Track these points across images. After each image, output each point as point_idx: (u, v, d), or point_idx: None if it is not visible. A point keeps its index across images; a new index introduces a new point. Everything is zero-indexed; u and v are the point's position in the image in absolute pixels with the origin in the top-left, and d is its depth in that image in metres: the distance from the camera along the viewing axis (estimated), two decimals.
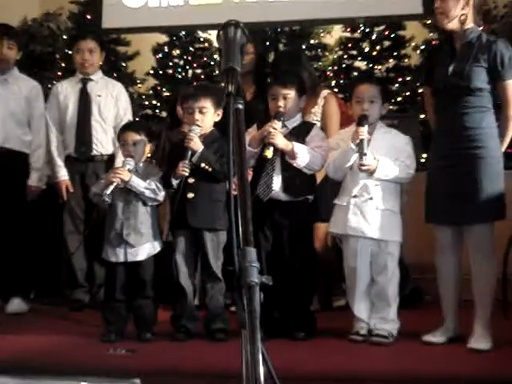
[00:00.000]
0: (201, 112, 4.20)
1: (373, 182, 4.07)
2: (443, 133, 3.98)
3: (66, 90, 5.38)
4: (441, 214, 3.93)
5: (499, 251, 4.33)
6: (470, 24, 3.90)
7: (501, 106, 3.90)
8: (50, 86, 6.04)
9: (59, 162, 5.28)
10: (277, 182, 4.16)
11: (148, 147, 4.34)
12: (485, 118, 3.84)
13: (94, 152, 5.27)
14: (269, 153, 4.05)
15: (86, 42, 5.42)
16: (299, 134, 4.23)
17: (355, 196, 4.10)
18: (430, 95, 4.14)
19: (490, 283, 3.93)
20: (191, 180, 4.16)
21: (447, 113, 3.95)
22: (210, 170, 4.14)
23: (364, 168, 3.96)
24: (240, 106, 1.51)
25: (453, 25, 3.91)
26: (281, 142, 4.09)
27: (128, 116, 5.36)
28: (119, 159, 4.48)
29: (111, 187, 4.07)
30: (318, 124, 4.78)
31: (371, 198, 4.08)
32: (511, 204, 4.05)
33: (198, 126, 4.16)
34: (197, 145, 4.11)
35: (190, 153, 4.09)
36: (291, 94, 4.23)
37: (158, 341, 4.11)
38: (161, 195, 4.21)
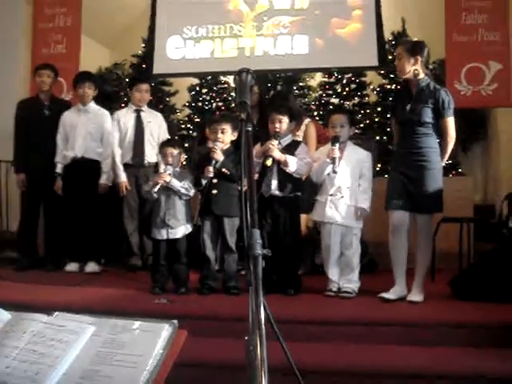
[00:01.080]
0: (222, 132, 4.19)
1: (344, 185, 4.09)
2: (402, 149, 3.99)
3: (125, 117, 5.35)
4: (398, 204, 3.91)
5: None
6: (421, 75, 3.91)
7: (442, 135, 3.93)
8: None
9: (121, 168, 5.25)
10: (274, 183, 4.15)
11: (182, 157, 4.35)
12: (429, 141, 3.88)
13: (145, 161, 5.25)
14: (268, 162, 4.06)
15: (144, 85, 5.43)
16: (290, 149, 4.21)
17: (331, 195, 4.10)
18: (395, 124, 4.16)
19: (428, 256, 3.96)
20: (215, 181, 4.15)
21: (405, 136, 3.98)
22: (228, 173, 4.13)
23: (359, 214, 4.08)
24: (249, 129, 1.50)
25: (409, 76, 3.94)
26: (277, 154, 4.08)
27: (166, 136, 5.31)
28: (162, 166, 4.48)
29: (157, 186, 4.07)
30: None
31: (342, 197, 4.09)
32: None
33: (220, 142, 4.16)
34: (219, 155, 4.11)
35: (214, 161, 4.08)
36: (285, 119, 4.22)
37: (189, 294, 4.11)
38: (192, 192, 4.20)
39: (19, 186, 5.35)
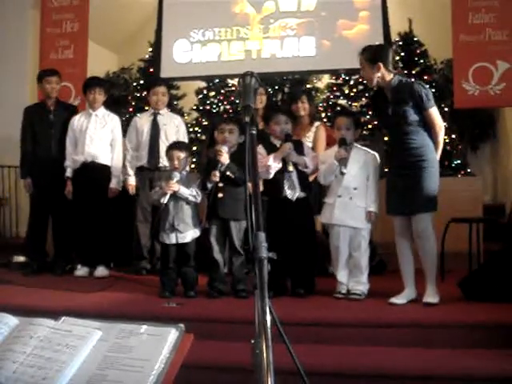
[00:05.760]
0: (230, 132, 4.22)
1: (352, 187, 4.08)
2: (396, 150, 3.92)
3: (142, 121, 5.36)
4: (396, 208, 3.89)
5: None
6: (389, 76, 3.85)
7: (430, 128, 3.84)
8: (123, 118, 6.05)
9: (131, 172, 5.27)
10: (297, 186, 4.15)
11: (189, 161, 4.35)
12: (422, 138, 3.79)
13: (160, 164, 5.22)
14: (291, 167, 4.10)
15: (161, 88, 5.41)
16: (296, 149, 4.18)
17: (339, 196, 4.09)
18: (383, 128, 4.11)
19: (434, 258, 3.84)
20: (221, 184, 4.15)
21: (395, 138, 3.92)
22: (233, 177, 4.13)
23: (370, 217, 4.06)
24: (254, 132, 1.49)
25: (376, 83, 3.89)
26: (295, 158, 4.12)
27: (186, 139, 5.32)
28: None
29: (167, 197, 4.07)
30: (310, 145, 4.77)
31: (351, 198, 4.07)
32: (450, 201, 4.04)
33: (227, 142, 4.17)
34: (225, 159, 4.11)
35: (220, 164, 4.09)
36: (289, 121, 4.24)
37: (198, 297, 4.11)
38: (199, 198, 4.19)
39: (27, 190, 5.42)
